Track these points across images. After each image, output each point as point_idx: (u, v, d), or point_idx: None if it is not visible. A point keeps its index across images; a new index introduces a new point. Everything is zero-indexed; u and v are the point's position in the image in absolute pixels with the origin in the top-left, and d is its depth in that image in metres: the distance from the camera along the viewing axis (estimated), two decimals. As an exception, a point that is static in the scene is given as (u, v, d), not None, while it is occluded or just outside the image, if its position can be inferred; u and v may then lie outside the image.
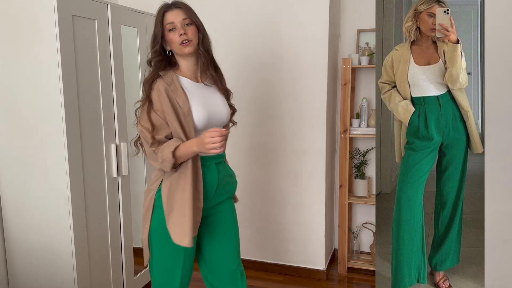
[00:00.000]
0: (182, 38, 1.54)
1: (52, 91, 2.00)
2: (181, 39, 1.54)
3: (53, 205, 2.11)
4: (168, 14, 1.57)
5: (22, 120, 2.11)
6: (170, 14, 1.56)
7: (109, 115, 2.30)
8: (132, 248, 2.55)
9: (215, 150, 1.44)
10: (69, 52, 2.01)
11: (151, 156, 1.58)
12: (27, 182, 2.15)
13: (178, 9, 1.57)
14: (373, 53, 2.81)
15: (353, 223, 3.15)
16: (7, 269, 2.31)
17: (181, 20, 1.56)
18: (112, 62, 2.30)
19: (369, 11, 2.88)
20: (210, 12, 2.88)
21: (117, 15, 2.33)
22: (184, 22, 1.57)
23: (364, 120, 2.86)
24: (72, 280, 2.14)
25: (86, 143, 2.15)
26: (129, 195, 2.48)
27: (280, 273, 3.00)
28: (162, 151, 1.53)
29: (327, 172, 2.85)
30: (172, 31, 1.56)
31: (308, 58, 2.72)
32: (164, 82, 1.57)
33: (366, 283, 2.86)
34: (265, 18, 2.77)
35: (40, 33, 1.98)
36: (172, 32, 1.56)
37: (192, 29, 1.57)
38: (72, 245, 2.10)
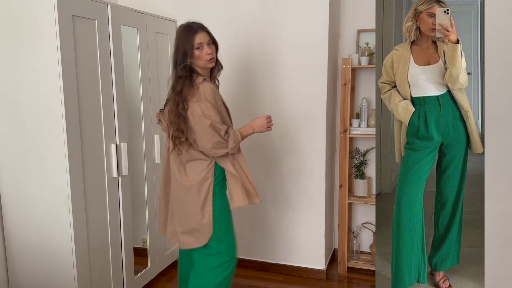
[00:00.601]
0: (210, 56, 1.95)
1: (52, 91, 2.00)
2: (208, 57, 1.95)
3: (53, 205, 2.11)
4: (196, 36, 1.93)
5: (22, 120, 2.11)
6: (198, 36, 1.93)
7: (109, 115, 2.31)
8: (132, 248, 2.56)
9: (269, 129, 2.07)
10: (69, 52, 2.01)
11: (218, 145, 1.91)
12: (27, 182, 2.15)
13: (204, 32, 1.96)
14: (373, 53, 2.81)
15: (353, 223, 3.15)
16: (7, 269, 2.31)
17: (207, 41, 1.95)
18: (112, 62, 2.30)
19: (369, 11, 2.88)
20: (210, 12, 2.88)
21: (117, 15, 2.33)
22: (209, 42, 1.96)
23: (364, 120, 2.86)
24: (72, 280, 2.14)
25: (86, 143, 2.15)
26: (129, 195, 2.48)
27: (280, 273, 3.00)
28: (233, 136, 1.94)
29: (327, 172, 2.85)
30: (199, 49, 1.94)
31: (308, 58, 2.72)
32: (212, 84, 1.99)
33: (366, 283, 2.86)
34: (265, 18, 2.77)
35: (40, 33, 1.98)
36: (199, 50, 1.94)
37: (213, 47, 1.99)
38: (72, 245, 2.10)
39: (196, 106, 1.88)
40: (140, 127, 2.63)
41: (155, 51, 2.72)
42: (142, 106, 2.61)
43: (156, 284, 2.86)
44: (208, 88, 1.91)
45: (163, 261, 2.93)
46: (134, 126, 2.59)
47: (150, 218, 2.75)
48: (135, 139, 2.59)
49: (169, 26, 2.89)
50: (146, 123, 2.65)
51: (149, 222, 2.74)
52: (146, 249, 2.78)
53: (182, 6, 2.94)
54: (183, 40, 1.93)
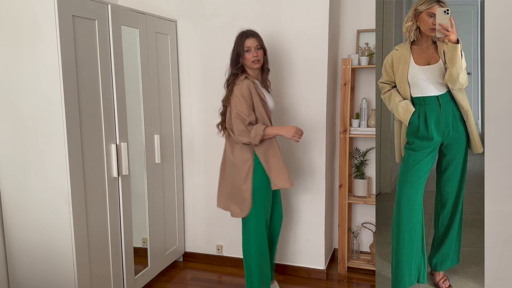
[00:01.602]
0: (254, 58, 2.30)
1: (53, 91, 2.00)
2: (253, 58, 2.30)
3: (53, 205, 2.11)
4: (247, 40, 2.31)
5: (22, 120, 2.11)
6: (248, 41, 2.31)
7: (110, 115, 2.31)
8: (132, 248, 2.56)
9: (296, 139, 2.29)
10: (69, 52, 2.01)
11: (242, 133, 2.26)
12: (27, 182, 2.15)
13: (253, 38, 2.32)
14: (372, 53, 2.81)
15: (353, 223, 3.15)
16: (7, 269, 2.31)
17: (255, 46, 2.31)
18: (112, 62, 2.30)
19: (369, 11, 2.88)
20: (210, 12, 2.88)
21: (117, 15, 2.33)
22: (256, 47, 2.32)
23: (364, 120, 2.86)
24: (72, 280, 2.14)
25: (87, 143, 2.15)
26: (129, 195, 2.48)
27: (280, 273, 3.00)
28: (255, 129, 2.24)
29: (327, 172, 2.85)
30: (247, 52, 2.30)
31: (308, 58, 2.73)
32: (251, 82, 2.30)
33: (366, 282, 2.86)
34: (265, 18, 2.77)
35: (40, 33, 1.98)
36: (247, 52, 2.30)
37: (260, 52, 2.33)
38: (73, 245, 2.10)
39: (233, 100, 2.28)
40: (140, 127, 2.63)
41: (155, 51, 2.72)
42: (142, 106, 2.61)
43: (156, 284, 2.86)
44: (245, 85, 2.27)
45: (163, 261, 2.93)
46: (134, 126, 2.59)
47: (150, 218, 2.75)
48: (135, 139, 2.59)
49: (169, 26, 2.89)
50: (146, 123, 2.65)
51: (149, 222, 2.74)
52: (146, 249, 2.78)
53: (182, 6, 2.94)
54: (237, 43, 2.33)
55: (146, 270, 2.73)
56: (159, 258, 2.88)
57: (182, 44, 2.98)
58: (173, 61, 2.94)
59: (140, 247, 2.89)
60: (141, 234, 2.92)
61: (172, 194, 3.00)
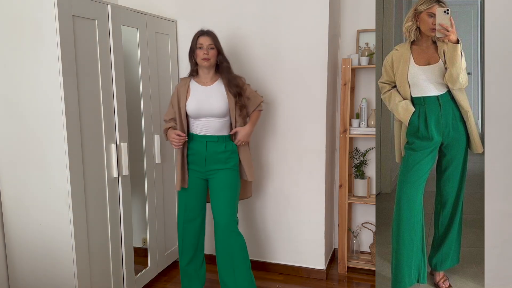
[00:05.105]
0: (204, 55, 2.34)
1: (53, 91, 2.00)
2: (203, 56, 2.34)
3: (53, 205, 2.11)
4: (201, 38, 2.36)
5: (22, 120, 2.11)
6: (202, 38, 2.36)
7: (110, 115, 2.31)
8: (132, 248, 2.56)
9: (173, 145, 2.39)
10: (69, 52, 2.01)
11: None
12: (27, 182, 2.15)
13: (208, 36, 2.37)
14: (372, 53, 2.81)
15: (353, 223, 3.15)
16: (7, 269, 2.31)
17: (207, 44, 2.35)
18: (112, 62, 2.30)
19: (369, 11, 2.88)
20: (210, 12, 2.88)
21: (117, 16, 2.33)
22: (209, 46, 2.35)
23: (364, 120, 2.86)
24: (73, 280, 2.14)
25: (87, 143, 2.15)
26: (129, 195, 2.48)
27: (280, 273, 3.00)
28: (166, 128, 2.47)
29: (327, 172, 2.85)
30: (199, 49, 2.35)
31: (308, 58, 2.73)
32: (184, 83, 2.45)
33: (366, 282, 2.86)
34: (265, 18, 2.77)
35: (40, 33, 1.98)
36: (199, 49, 2.35)
37: (212, 51, 2.36)
38: (73, 245, 2.10)
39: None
40: (140, 127, 2.63)
41: (155, 51, 2.72)
42: (142, 106, 2.61)
43: (156, 284, 2.86)
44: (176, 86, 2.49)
45: (163, 261, 2.93)
46: (134, 126, 2.59)
47: (150, 218, 2.75)
48: (135, 139, 2.59)
49: (169, 26, 2.89)
50: (146, 123, 2.65)
51: (149, 222, 2.74)
52: (146, 249, 2.78)
53: (182, 6, 2.95)
54: (192, 40, 2.39)
55: (146, 270, 2.73)
56: (159, 258, 2.88)
57: (182, 44, 2.98)
58: (173, 61, 2.94)
59: (140, 247, 2.89)
60: (141, 234, 2.92)
61: (172, 194, 3.00)
